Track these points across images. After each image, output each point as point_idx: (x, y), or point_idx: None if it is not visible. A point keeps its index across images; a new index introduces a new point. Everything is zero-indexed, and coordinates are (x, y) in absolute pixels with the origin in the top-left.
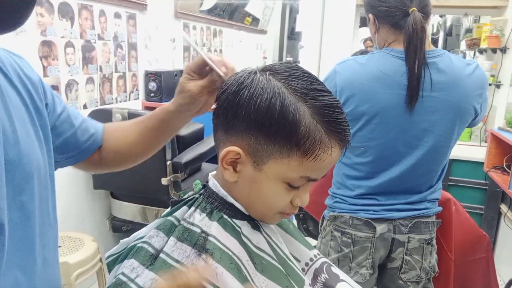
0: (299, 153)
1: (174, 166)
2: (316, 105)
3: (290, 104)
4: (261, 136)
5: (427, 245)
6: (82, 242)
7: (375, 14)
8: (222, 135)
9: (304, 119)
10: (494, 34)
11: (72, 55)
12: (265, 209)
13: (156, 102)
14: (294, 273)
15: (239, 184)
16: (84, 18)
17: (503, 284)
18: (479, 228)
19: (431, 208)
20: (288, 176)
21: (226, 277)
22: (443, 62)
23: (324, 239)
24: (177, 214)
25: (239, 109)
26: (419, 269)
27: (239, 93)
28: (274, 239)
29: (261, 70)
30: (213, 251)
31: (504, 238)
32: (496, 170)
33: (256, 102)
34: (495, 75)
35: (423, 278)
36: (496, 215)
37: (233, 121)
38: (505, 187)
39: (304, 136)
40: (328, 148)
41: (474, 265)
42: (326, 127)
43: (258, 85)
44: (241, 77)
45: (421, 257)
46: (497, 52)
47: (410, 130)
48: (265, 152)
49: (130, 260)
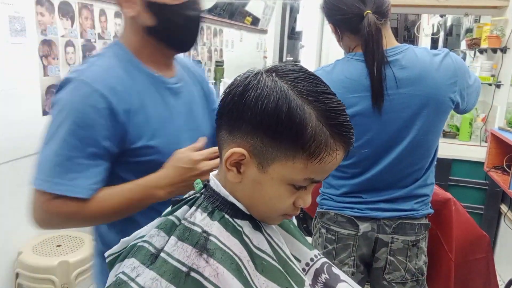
0: (304, 156)
1: None
2: (322, 107)
3: (297, 107)
4: (267, 138)
5: (412, 246)
6: (82, 241)
7: (334, 23)
8: (226, 136)
9: (310, 121)
10: (494, 34)
11: (72, 54)
12: (268, 210)
13: None
14: (294, 274)
15: (242, 185)
16: (85, 17)
17: (503, 284)
18: (479, 228)
19: (419, 210)
20: (293, 178)
21: (227, 277)
22: (406, 58)
23: (315, 236)
24: (178, 214)
25: (245, 111)
26: (404, 270)
27: (245, 94)
28: (275, 239)
29: (266, 71)
30: (214, 251)
31: (504, 238)
32: (496, 170)
33: (263, 104)
34: (495, 75)
35: (409, 280)
36: (496, 215)
37: (238, 122)
38: (505, 187)
39: (310, 139)
40: (333, 151)
41: (474, 265)
42: (332, 130)
43: (264, 87)
44: (246, 78)
45: (405, 259)
46: (498, 52)
47: (385, 129)
48: (270, 154)
49: (131, 259)
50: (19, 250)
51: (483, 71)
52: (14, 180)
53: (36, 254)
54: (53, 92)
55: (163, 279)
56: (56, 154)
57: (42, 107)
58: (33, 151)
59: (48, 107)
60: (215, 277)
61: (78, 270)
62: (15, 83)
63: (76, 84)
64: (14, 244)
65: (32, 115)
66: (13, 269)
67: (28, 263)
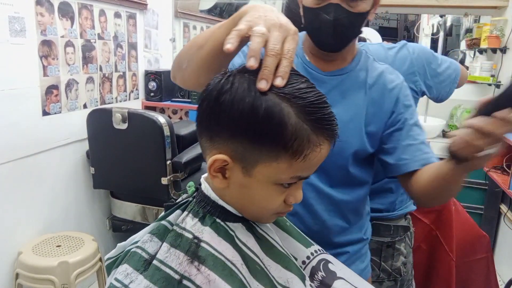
0: (287, 155)
1: (174, 166)
2: (300, 103)
3: (274, 106)
4: (247, 141)
5: (387, 247)
6: (82, 241)
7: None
8: (208, 143)
9: (289, 119)
10: (494, 34)
11: (72, 55)
12: (259, 211)
13: (156, 102)
14: (295, 268)
15: (230, 190)
16: (84, 17)
17: (503, 284)
18: (479, 228)
19: (395, 211)
20: (279, 178)
21: (219, 284)
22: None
23: None
24: (171, 218)
25: (222, 116)
26: (378, 269)
27: (220, 99)
28: (272, 236)
29: (239, 72)
30: (206, 257)
31: (504, 238)
32: (496, 170)
33: (238, 107)
34: (495, 75)
35: (385, 279)
36: (496, 215)
37: (217, 128)
38: (505, 187)
39: (291, 138)
40: (316, 146)
41: (474, 266)
42: (313, 125)
43: (238, 89)
44: (220, 82)
45: (379, 259)
46: (497, 52)
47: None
48: (253, 157)
49: (124, 266)
50: (19, 250)
51: (483, 71)
52: (14, 180)
53: (36, 254)
54: (52, 92)
55: (156, 287)
56: None
57: (42, 107)
58: (33, 151)
59: (47, 107)
60: (206, 285)
61: (78, 270)
62: (15, 83)
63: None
64: (14, 244)
65: (32, 115)
66: (13, 269)
67: (28, 263)
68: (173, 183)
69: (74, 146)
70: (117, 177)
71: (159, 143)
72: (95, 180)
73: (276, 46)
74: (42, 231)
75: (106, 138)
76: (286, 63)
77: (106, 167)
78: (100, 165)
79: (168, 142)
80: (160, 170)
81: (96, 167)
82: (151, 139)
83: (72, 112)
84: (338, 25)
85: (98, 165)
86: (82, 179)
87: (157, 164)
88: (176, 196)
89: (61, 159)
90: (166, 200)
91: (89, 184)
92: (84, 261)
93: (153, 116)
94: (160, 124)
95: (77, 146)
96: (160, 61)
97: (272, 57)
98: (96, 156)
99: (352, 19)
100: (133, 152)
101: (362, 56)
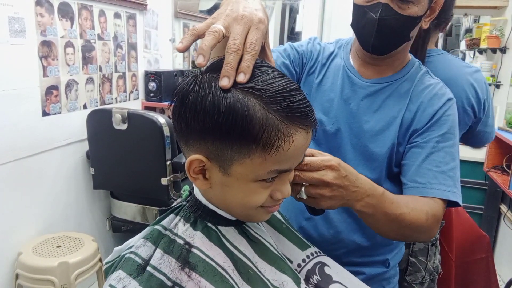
0: (259, 149)
1: (174, 166)
2: (265, 94)
3: (236, 101)
4: (216, 140)
5: (431, 246)
6: (82, 242)
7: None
8: (184, 146)
9: (255, 113)
10: (494, 34)
11: (72, 55)
12: (245, 209)
13: (156, 102)
14: (291, 271)
15: (214, 191)
16: (84, 18)
17: (503, 284)
18: (479, 228)
19: None
20: (257, 175)
21: None
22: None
23: None
24: (164, 223)
25: (189, 117)
26: (424, 270)
27: (184, 100)
28: (266, 238)
29: (205, 72)
30: (196, 263)
31: (504, 238)
32: (496, 170)
33: (201, 106)
34: (495, 75)
35: (427, 279)
36: (496, 215)
37: (188, 130)
38: (505, 187)
39: (259, 131)
40: (288, 136)
41: (474, 266)
42: (281, 115)
43: (201, 88)
44: (185, 83)
45: (425, 259)
46: (497, 52)
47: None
48: (225, 155)
49: (117, 272)
50: (19, 250)
51: (483, 71)
52: (14, 181)
53: (36, 255)
54: (52, 92)
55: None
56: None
57: (42, 108)
58: (33, 151)
59: (47, 108)
60: None
61: (78, 271)
62: (15, 84)
63: None
64: (14, 245)
65: (32, 116)
66: (13, 269)
67: (28, 263)
68: (173, 183)
69: (74, 146)
70: (117, 178)
71: (159, 143)
72: (95, 181)
73: (236, 42)
74: (42, 231)
75: (106, 139)
76: (248, 57)
77: (106, 167)
78: (100, 166)
79: (168, 143)
80: (160, 171)
81: (96, 168)
82: (151, 139)
83: (72, 113)
84: (383, 26)
85: (98, 166)
86: (82, 180)
87: (157, 165)
88: (176, 196)
89: (61, 160)
90: (166, 200)
91: (89, 185)
92: (84, 261)
93: (153, 116)
94: (160, 124)
95: (77, 147)
96: (160, 61)
97: (232, 53)
98: (96, 157)
99: (399, 21)
100: (133, 152)
101: (413, 67)
